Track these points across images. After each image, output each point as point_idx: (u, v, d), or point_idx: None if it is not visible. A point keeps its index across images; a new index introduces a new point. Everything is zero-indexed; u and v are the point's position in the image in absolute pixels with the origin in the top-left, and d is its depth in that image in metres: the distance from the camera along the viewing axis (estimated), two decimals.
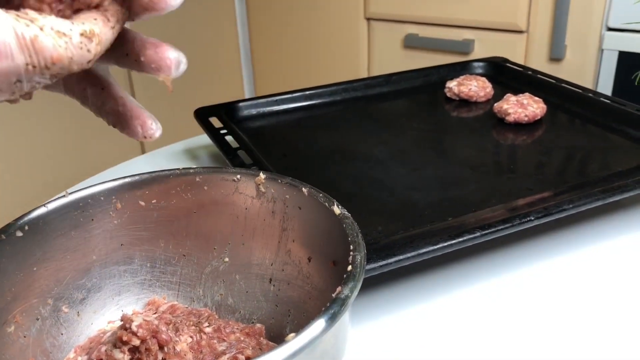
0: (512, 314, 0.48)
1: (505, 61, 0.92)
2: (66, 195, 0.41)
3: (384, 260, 0.45)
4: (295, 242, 0.42)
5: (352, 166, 0.65)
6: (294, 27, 1.78)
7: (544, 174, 0.63)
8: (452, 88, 0.82)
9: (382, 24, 1.60)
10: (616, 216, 0.59)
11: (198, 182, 0.44)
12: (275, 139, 0.73)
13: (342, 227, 0.37)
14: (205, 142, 0.79)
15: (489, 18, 1.42)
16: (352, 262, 0.33)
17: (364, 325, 0.47)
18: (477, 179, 0.61)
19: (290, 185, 0.42)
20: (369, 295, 0.50)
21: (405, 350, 0.44)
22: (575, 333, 0.45)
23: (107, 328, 0.43)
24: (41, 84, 0.25)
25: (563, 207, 0.52)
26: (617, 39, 1.27)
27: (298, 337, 0.27)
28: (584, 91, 0.78)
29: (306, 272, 0.41)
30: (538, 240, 0.56)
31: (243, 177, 0.43)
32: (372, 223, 0.52)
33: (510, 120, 0.73)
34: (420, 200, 0.57)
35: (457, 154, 0.68)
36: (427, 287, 0.51)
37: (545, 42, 1.37)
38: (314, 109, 0.81)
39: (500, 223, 0.49)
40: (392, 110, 0.82)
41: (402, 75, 0.89)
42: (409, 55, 1.57)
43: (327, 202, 0.39)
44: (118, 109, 0.35)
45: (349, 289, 0.31)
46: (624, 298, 0.49)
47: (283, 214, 0.42)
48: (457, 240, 0.47)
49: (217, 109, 0.77)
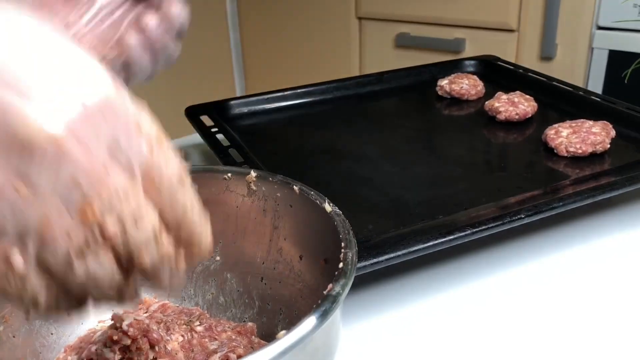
0: (502, 313, 0.48)
1: (496, 59, 0.92)
2: None
3: (375, 258, 0.45)
4: (287, 240, 0.42)
5: (343, 165, 0.65)
6: (286, 26, 1.77)
7: (534, 172, 0.63)
8: (443, 86, 0.83)
9: (374, 23, 1.60)
10: (606, 214, 0.60)
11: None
12: (266, 137, 0.73)
13: (334, 224, 0.37)
14: (196, 141, 0.79)
15: (480, 17, 1.43)
16: (343, 259, 0.33)
17: (355, 324, 0.47)
18: (467, 177, 0.62)
19: (281, 183, 0.42)
20: (360, 295, 0.50)
21: (397, 349, 0.44)
22: (565, 330, 0.45)
23: (98, 327, 0.43)
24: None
25: (553, 205, 0.52)
26: (607, 37, 1.27)
27: (289, 334, 0.27)
28: (574, 89, 0.78)
29: (297, 270, 0.41)
30: (529, 239, 0.56)
31: (234, 176, 0.43)
32: (363, 221, 0.52)
33: (501, 119, 0.73)
34: (411, 198, 0.58)
35: (448, 152, 0.68)
36: (418, 286, 0.51)
37: (536, 41, 1.37)
38: (305, 107, 0.81)
39: (491, 221, 0.49)
40: (384, 109, 0.82)
41: (394, 73, 0.89)
42: (401, 54, 1.57)
43: (318, 200, 0.39)
44: None
45: (341, 286, 0.31)
46: (613, 295, 0.49)
47: (274, 212, 0.42)
48: (448, 238, 0.47)
49: (208, 107, 0.77)
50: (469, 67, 0.91)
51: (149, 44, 0.42)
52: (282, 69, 1.85)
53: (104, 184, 0.22)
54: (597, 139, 0.63)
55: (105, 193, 0.22)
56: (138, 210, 0.23)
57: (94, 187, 0.21)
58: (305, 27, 1.74)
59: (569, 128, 0.65)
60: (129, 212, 0.22)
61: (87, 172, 0.21)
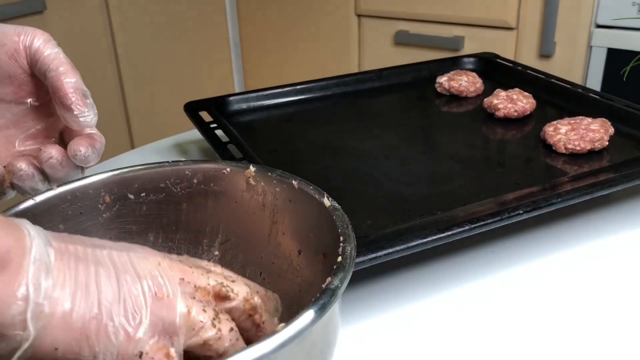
0: (501, 309, 0.48)
1: (495, 57, 0.92)
2: (54, 188, 0.41)
3: (374, 254, 0.45)
4: (285, 235, 0.42)
5: (342, 161, 0.65)
6: (285, 23, 1.77)
7: (532, 168, 0.63)
8: (442, 83, 0.83)
9: (373, 20, 1.60)
10: (604, 211, 0.60)
11: (187, 175, 0.44)
12: (265, 134, 0.73)
13: (332, 219, 0.37)
14: (194, 137, 0.79)
15: (479, 15, 1.43)
16: (342, 253, 0.33)
17: (353, 321, 0.47)
18: (466, 173, 0.62)
19: (280, 178, 0.42)
20: (358, 292, 0.50)
21: (395, 346, 0.44)
22: (564, 326, 0.45)
23: None
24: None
25: (552, 201, 0.52)
26: (605, 36, 1.27)
27: (287, 327, 0.27)
28: (573, 87, 0.78)
29: (296, 265, 0.41)
30: (526, 236, 0.56)
31: (233, 170, 0.43)
32: (361, 217, 0.52)
33: (500, 116, 0.73)
34: (410, 194, 0.58)
35: (447, 149, 0.68)
36: (416, 283, 0.51)
37: (535, 39, 1.37)
38: (304, 103, 0.81)
39: (489, 217, 0.49)
40: (383, 105, 0.82)
41: (393, 70, 0.89)
42: (400, 51, 1.57)
43: (317, 195, 0.39)
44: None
45: (339, 279, 0.31)
46: (612, 292, 0.49)
47: (273, 207, 0.42)
48: (446, 234, 0.47)
49: (207, 103, 0.76)
50: (468, 64, 0.91)
51: (47, 172, 0.41)
52: (281, 66, 1.85)
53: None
54: (595, 136, 0.63)
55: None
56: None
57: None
58: (304, 23, 1.74)
59: (568, 125, 0.65)
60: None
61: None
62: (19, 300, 0.26)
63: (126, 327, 0.28)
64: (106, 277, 0.29)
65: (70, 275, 0.28)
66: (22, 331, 0.26)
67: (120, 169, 0.43)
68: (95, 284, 0.28)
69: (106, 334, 0.28)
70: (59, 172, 0.41)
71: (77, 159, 0.41)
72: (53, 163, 0.41)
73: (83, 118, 0.41)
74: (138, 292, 0.29)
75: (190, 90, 1.76)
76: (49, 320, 0.27)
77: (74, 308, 0.27)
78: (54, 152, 0.41)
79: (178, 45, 1.73)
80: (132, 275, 0.29)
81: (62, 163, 0.41)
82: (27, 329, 0.26)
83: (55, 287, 0.27)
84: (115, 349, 0.28)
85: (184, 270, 0.31)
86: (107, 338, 0.28)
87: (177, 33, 1.72)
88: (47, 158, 0.41)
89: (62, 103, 0.40)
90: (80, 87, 0.41)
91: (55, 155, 0.41)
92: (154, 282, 0.30)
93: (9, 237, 0.27)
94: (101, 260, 0.29)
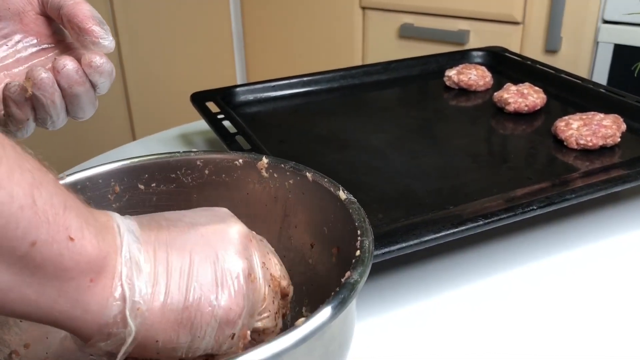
0: (512, 305, 0.47)
1: (504, 51, 0.91)
2: (63, 178, 0.40)
3: (387, 248, 0.44)
4: (298, 228, 0.41)
5: (350, 154, 0.65)
6: (288, 15, 1.76)
7: (543, 164, 0.63)
8: (451, 77, 0.82)
9: (378, 13, 1.59)
10: (615, 208, 0.59)
11: (199, 165, 0.43)
12: (272, 125, 0.72)
13: (348, 212, 0.36)
14: (199, 128, 0.78)
15: (485, 9, 1.41)
16: (360, 247, 0.33)
17: (365, 315, 0.46)
18: (476, 168, 0.61)
19: (293, 170, 0.41)
20: (368, 285, 0.49)
21: (406, 340, 0.44)
22: (575, 321, 0.45)
23: None
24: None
25: (565, 197, 0.51)
26: (612, 31, 1.26)
27: (308, 321, 0.27)
28: (582, 82, 0.77)
29: (308, 258, 0.41)
30: (538, 233, 0.56)
31: (245, 162, 0.43)
32: (372, 211, 0.52)
33: (510, 110, 0.72)
34: (420, 188, 0.57)
35: (456, 143, 0.67)
36: (427, 278, 0.50)
37: (541, 34, 1.36)
38: (311, 95, 0.80)
39: (503, 212, 0.49)
40: (390, 98, 0.81)
41: (400, 63, 0.88)
42: (404, 45, 1.56)
43: (332, 188, 0.38)
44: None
45: (358, 273, 0.30)
46: (624, 289, 0.49)
47: (286, 200, 0.42)
48: (460, 229, 0.47)
49: (213, 93, 0.76)
50: (477, 58, 0.90)
51: (63, 85, 0.40)
52: (284, 58, 1.84)
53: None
54: (608, 132, 0.62)
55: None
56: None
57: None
58: (308, 16, 1.72)
59: (580, 120, 0.65)
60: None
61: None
62: (117, 300, 0.27)
63: (226, 311, 0.29)
64: (199, 262, 0.29)
65: (162, 268, 0.29)
66: (124, 328, 0.27)
67: (130, 158, 0.42)
68: (188, 272, 0.29)
69: (205, 319, 0.29)
70: (74, 87, 0.40)
71: (93, 66, 0.40)
72: (69, 71, 0.40)
73: (102, 40, 0.41)
74: (234, 274, 0.29)
75: (192, 82, 1.75)
76: (147, 315, 0.28)
77: (168, 300, 0.28)
78: (67, 61, 0.40)
79: (180, 37, 1.72)
80: (225, 255, 0.30)
81: (77, 71, 0.40)
82: (128, 326, 0.27)
83: (148, 283, 0.28)
84: (213, 332, 0.29)
85: (264, 255, 0.32)
86: (206, 323, 0.29)
87: (180, 24, 1.70)
88: (63, 66, 0.40)
89: (80, 28, 0.41)
90: (96, 14, 0.42)
91: (69, 64, 0.40)
92: (246, 264, 0.30)
93: (106, 241, 0.28)
94: (190, 243, 0.30)
